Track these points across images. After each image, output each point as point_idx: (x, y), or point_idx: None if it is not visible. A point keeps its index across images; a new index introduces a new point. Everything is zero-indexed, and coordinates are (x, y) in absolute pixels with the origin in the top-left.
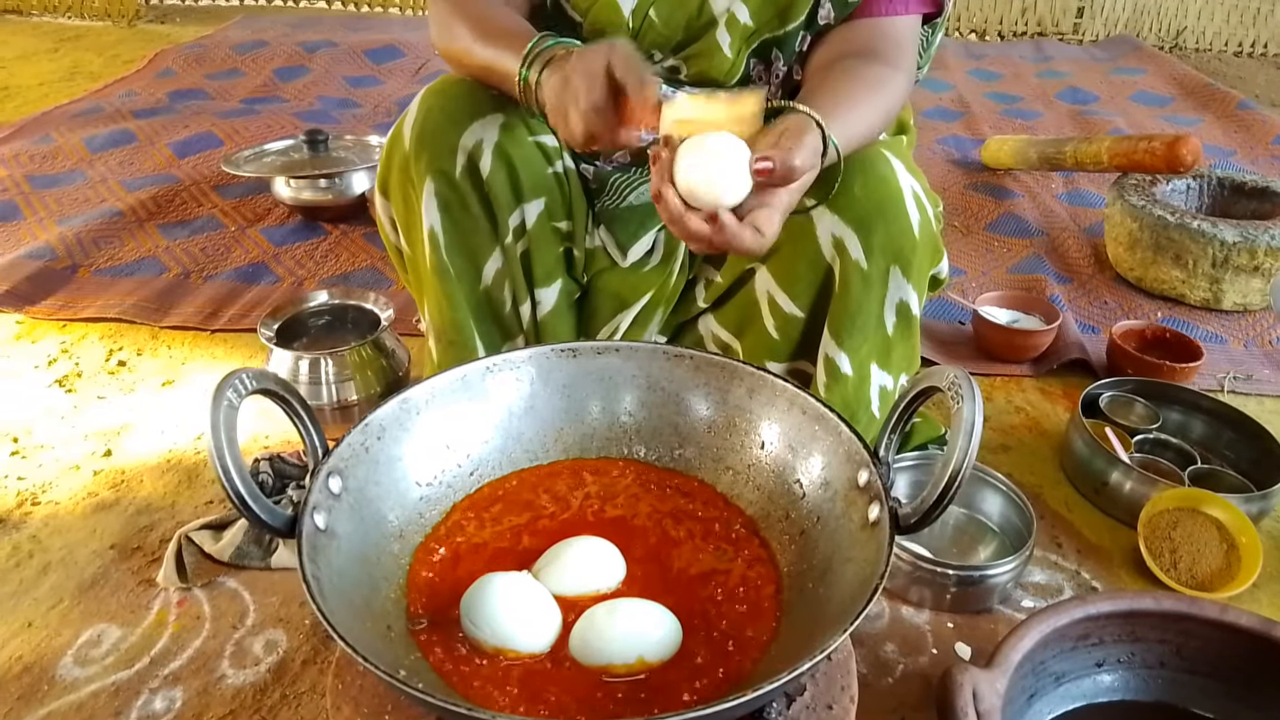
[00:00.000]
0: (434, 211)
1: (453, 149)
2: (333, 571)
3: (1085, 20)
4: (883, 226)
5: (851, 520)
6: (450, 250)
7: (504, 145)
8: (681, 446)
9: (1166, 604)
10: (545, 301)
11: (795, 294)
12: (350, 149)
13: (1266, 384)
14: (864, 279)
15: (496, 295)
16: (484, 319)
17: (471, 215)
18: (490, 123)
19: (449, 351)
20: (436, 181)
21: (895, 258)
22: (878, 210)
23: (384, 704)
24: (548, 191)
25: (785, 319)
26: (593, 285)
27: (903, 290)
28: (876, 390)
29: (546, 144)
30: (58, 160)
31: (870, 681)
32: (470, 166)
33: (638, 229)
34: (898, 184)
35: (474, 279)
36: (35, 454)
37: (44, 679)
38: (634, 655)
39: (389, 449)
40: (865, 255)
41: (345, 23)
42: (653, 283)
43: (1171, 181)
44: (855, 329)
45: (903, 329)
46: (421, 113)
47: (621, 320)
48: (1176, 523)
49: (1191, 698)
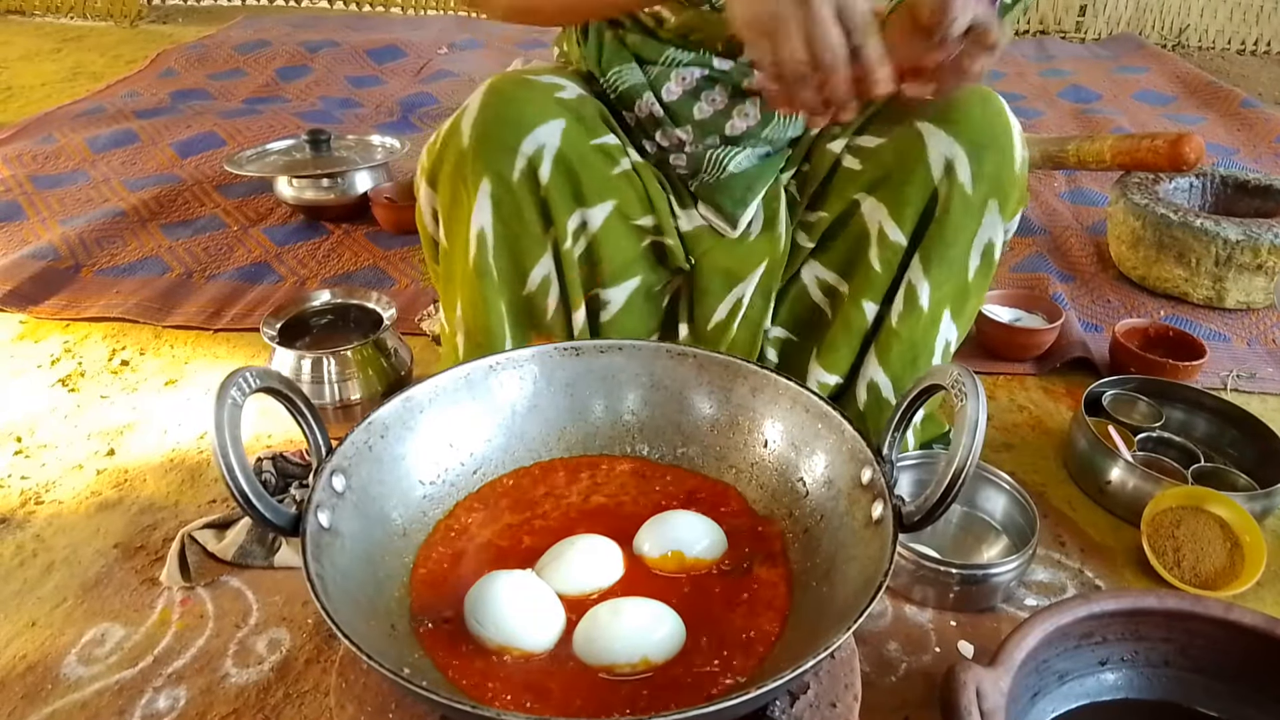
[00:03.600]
0: (486, 213)
1: (512, 152)
2: (336, 570)
3: (1088, 18)
4: (994, 154)
5: (855, 518)
6: (497, 253)
7: (565, 151)
8: (685, 445)
9: (1170, 602)
10: (614, 301)
11: (902, 219)
12: (353, 149)
13: (1270, 382)
14: (966, 205)
15: (538, 301)
16: (521, 325)
17: (523, 220)
18: (552, 128)
19: (475, 353)
20: (493, 183)
21: (996, 190)
22: (992, 137)
23: (388, 702)
24: (615, 193)
25: (891, 249)
26: (698, 267)
27: (994, 228)
28: (942, 343)
29: (609, 144)
30: (60, 160)
31: (873, 680)
32: (529, 171)
33: (745, 193)
34: (1009, 118)
35: (517, 284)
36: (39, 453)
37: (48, 678)
38: (638, 654)
39: (392, 447)
40: (973, 180)
41: (347, 22)
42: (763, 252)
43: (1174, 180)
44: (945, 259)
45: (981, 276)
46: (483, 111)
47: (742, 293)
48: (1180, 521)
49: (1196, 697)
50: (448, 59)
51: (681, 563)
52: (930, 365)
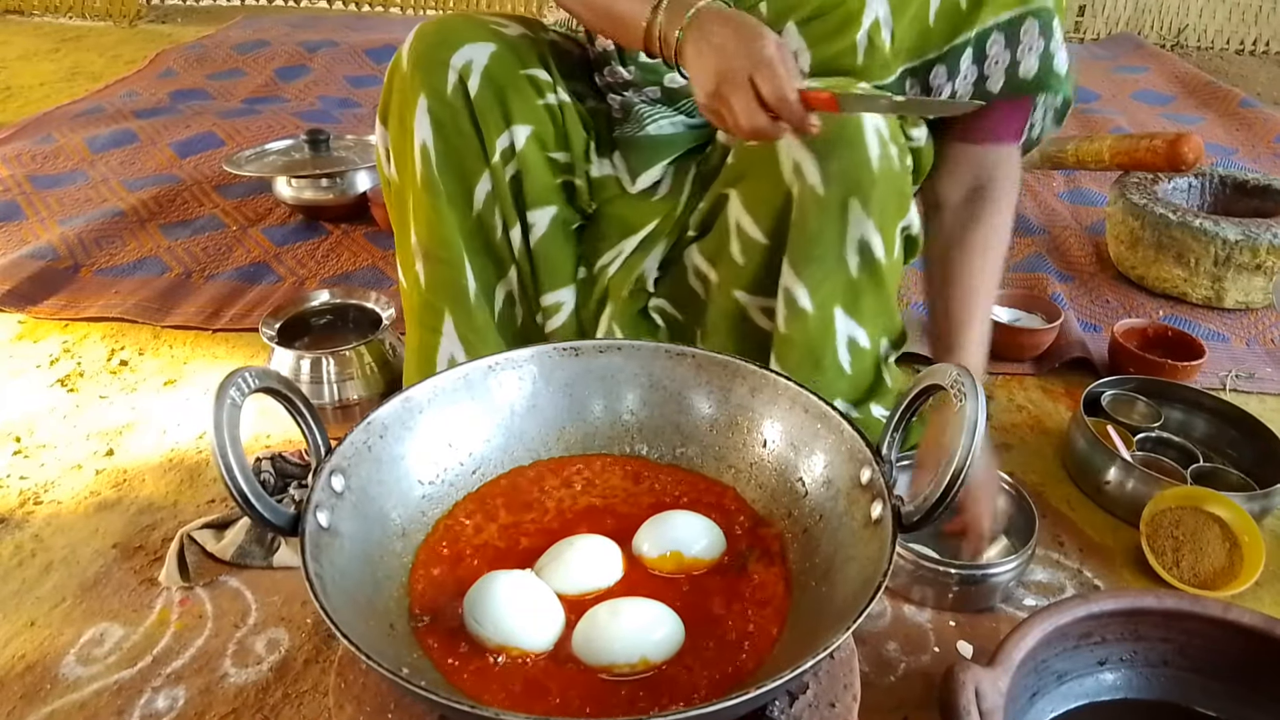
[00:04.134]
0: (426, 127)
1: (444, 65)
2: (335, 570)
3: (1087, 18)
4: (840, 154)
5: (854, 518)
6: (441, 168)
7: (492, 69)
8: (684, 445)
9: (1169, 602)
10: (538, 224)
11: (759, 217)
12: (351, 149)
13: (1269, 382)
14: (821, 206)
15: (487, 219)
16: (475, 248)
17: (462, 134)
18: (481, 48)
19: (438, 270)
20: (429, 98)
21: (853, 189)
22: (837, 137)
23: (387, 702)
24: (538, 121)
25: (748, 243)
26: (600, 212)
27: (863, 227)
28: (845, 340)
29: (539, 77)
30: (59, 160)
31: (872, 680)
32: (460, 85)
33: (651, 157)
34: (859, 117)
35: (465, 202)
36: (38, 453)
37: (47, 678)
38: (637, 655)
39: (391, 447)
40: (822, 181)
41: (346, 22)
42: (659, 211)
43: (1173, 180)
44: (812, 259)
45: (868, 274)
46: (418, 37)
47: (626, 244)
48: (1179, 521)
49: (1194, 697)
50: None
51: (680, 563)
52: (837, 364)
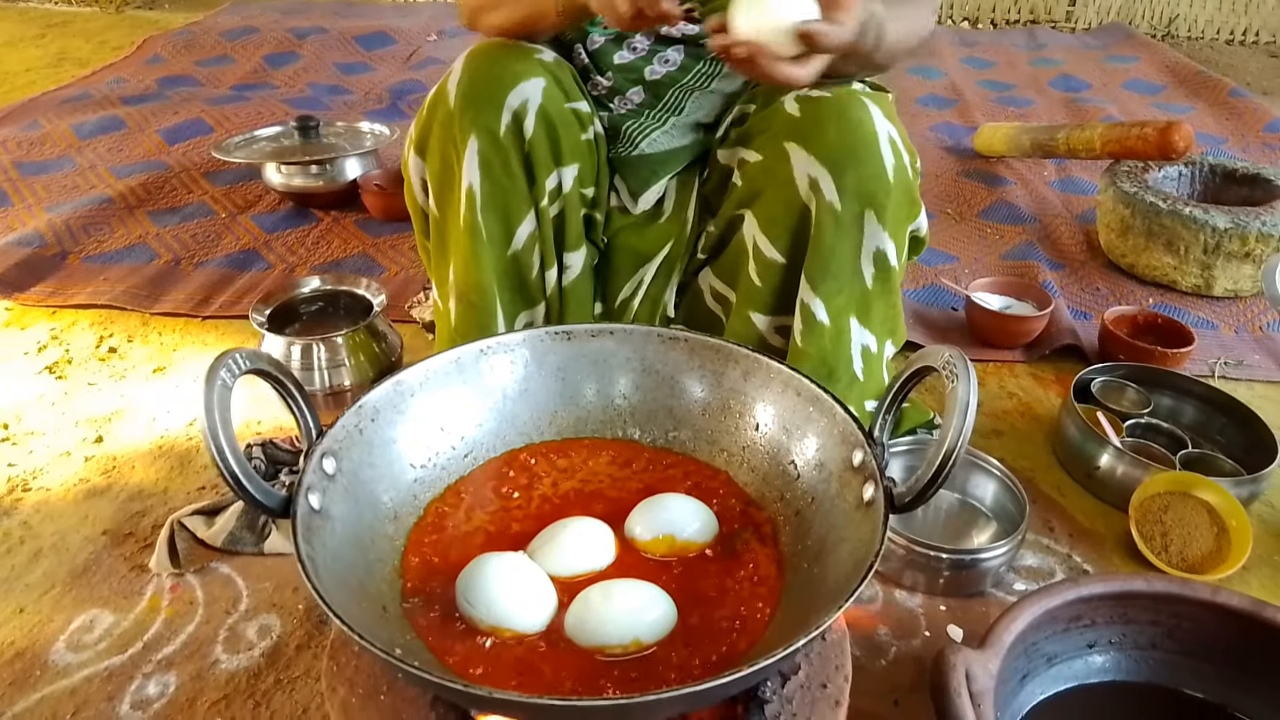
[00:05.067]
0: (474, 170)
1: (499, 107)
2: (327, 553)
3: (1078, 8)
4: (856, 168)
5: (846, 500)
6: (485, 210)
7: (546, 107)
8: (676, 429)
9: (1158, 586)
10: (574, 267)
11: (774, 237)
12: (342, 135)
13: (1257, 369)
14: (837, 221)
15: (525, 259)
16: (508, 285)
17: (511, 175)
18: (535, 85)
19: (469, 313)
20: (481, 139)
21: (869, 201)
22: (851, 152)
23: (379, 685)
24: (581, 157)
25: (766, 265)
26: (612, 245)
27: (879, 238)
28: (858, 349)
29: (581, 110)
30: (46, 147)
31: (864, 664)
32: (515, 126)
33: (649, 176)
34: (873, 128)
35: (504, 242)
36: (26, 440)
37: (37, 664)
38: (629, 636)
39: (383, 431)
40: (839, 197)
41: (336, 9)
42: (668, 235)
43: (1163, 168)
44: (830, 274)
45: (881, 283)
46: (468, 72)
47: (644, 275)
48: (1168, 506)
49: (1183, 679)
50: (437, 46)
51: (673, 545)
52: (851, 372)
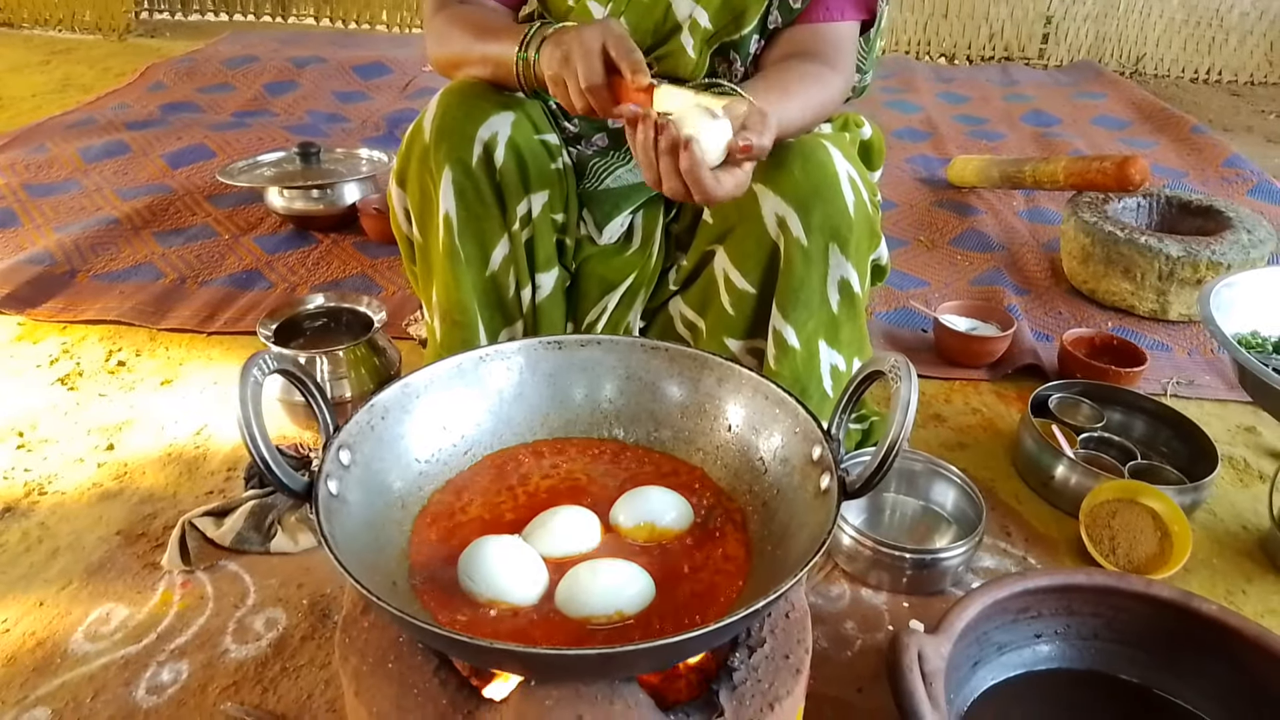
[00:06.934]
0: (450, 198)
1: (470, 140)
2: (344, 534)
3: (1050, 46)
4: (820, 206)
5: (806, 490)
6: (463, 235)
7: (515, 139)
8: (657, 429)
9: (1098, 579)
10: (544, 286)
11: (746, 270)
12: (341, 161)
13: (1206, 389)
14: (805, 255)
15: (502, 280)
16: (487, 304)
17: (484, 203)
18: (504, 119)
19: (453, 331)
20: (454, 170)
21: (833, 236)
22: (815, 192)
23: (387, 654)
24: (550, 185)
25: (739, 295)
26: (581, 271)
27: (843, 268)
28: (828, 368)
29: (550, 141)
30: (53, 169)
31: (831, 655)
32: (485, 157)
33: (612, 210)
34: (834, 169)
35: (481, 264)
36: (40, 447)
37: (57, 653)
38: (613, 608)
39: (392, 428)
40: (805, 233)
41: (334, 39)
42: (634, 265)
43: (1123, 200)
44: (800, 303)
45: (847, 308)
46: (441, 108)
47: (609, 301)
48: (1116, 512)
49: (1120, 666)
50: (432, 76)
51: (652, 532)
52: (821, 390)
